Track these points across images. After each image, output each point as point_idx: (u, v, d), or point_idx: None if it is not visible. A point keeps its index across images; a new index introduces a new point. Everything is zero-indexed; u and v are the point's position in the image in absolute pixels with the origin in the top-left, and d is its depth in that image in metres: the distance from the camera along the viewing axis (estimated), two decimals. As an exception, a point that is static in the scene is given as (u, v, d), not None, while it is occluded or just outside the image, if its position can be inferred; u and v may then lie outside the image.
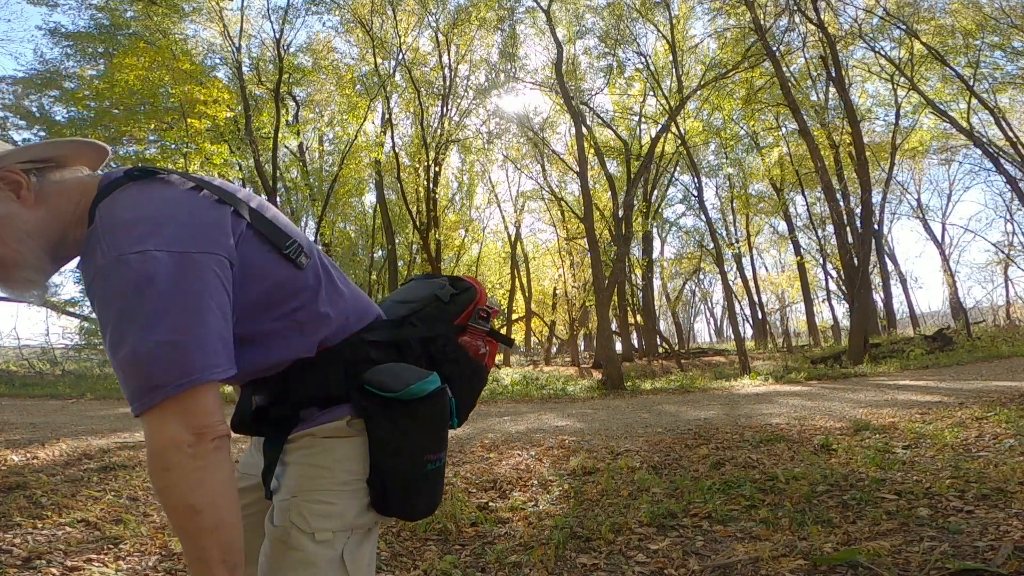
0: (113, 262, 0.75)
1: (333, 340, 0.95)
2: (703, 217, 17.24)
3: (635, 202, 17.79)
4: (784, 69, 15.05)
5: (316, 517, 0.90)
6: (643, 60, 18.64)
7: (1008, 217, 22.52)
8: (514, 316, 25.48)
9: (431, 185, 17.87)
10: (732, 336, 22.72)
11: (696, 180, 16.98)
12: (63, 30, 15.10)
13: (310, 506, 0.90)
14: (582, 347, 27.88)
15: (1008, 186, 17.34)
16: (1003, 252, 22.23)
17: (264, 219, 0.90)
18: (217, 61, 16.84)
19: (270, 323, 0.90)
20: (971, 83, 16.34)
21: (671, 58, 16.81)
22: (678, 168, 22.13)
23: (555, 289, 24.59)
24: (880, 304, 20.72)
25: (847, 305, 17.83)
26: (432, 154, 17.55)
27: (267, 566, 0.92)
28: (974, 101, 16.87)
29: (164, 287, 0.75)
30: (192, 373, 0.75)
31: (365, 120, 17.92)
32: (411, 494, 0.95)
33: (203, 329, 0.77)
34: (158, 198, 0.82)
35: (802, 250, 24.23)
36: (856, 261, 13.47)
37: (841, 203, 13.96)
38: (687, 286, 31.52)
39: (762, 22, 14.08)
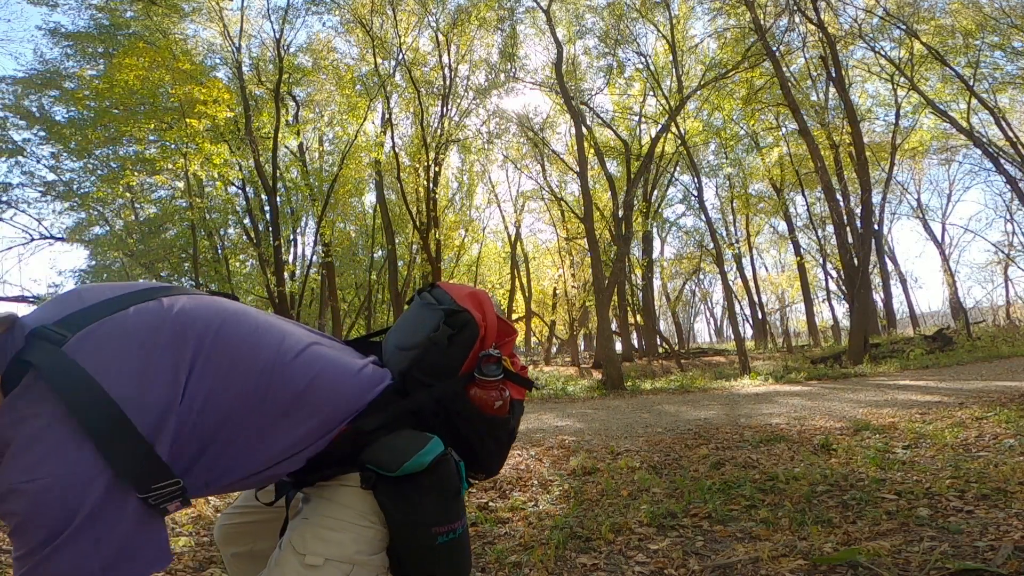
0: (5, 493, 0.70)
1: (324, 445, 0.91)
2: (703, 217, 17.25)
3: (635, 202, 17.79)
4: (784, 69, 15.05)
5: (313, 540, 0.87)
6: (643, 60, 18.66)
7: (1008, 217, 22.54)
8: (514, 316, 25.46)
9: (431, 185, 17.87)
10: (732, 336, 22.74)
11: (696, 180, 16.98)
12: (63, 30, 15.10)
13: (313, 529, 0.89)
14: (582, 347, 27.88)
15: (1008, 186, 17.34)
16: (1003, 252, 22.25)
17: (135, 447, 0.74)
18: (217, 61, 16.85)
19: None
20: (971, 83, 16.34)
21: (671, 58, 16.81)
22: (678, 168, 22.14)
23: (555, 289, 24.59)
24: (880, 304, 20.72)
25: (847, 305, 17.82)
26: (432, 154, 17.55)
27: None
28: (974, 101, 16.87)
29: (59, 513, 0.69)
30: None
31: (365, 120, 17.92)
32: (425, 568, 0.91)
33: (109, 545, 0.71)
34: (50, 410, 0.73)
35: (802, 250, 24.24)
36: (856, 261, 13.46)
37: (841, 203, 13.96)
38: (687, 286, 31.51)
39: (762, 22, 14.08)
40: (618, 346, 18.82)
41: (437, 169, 18.31)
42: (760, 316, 27.24)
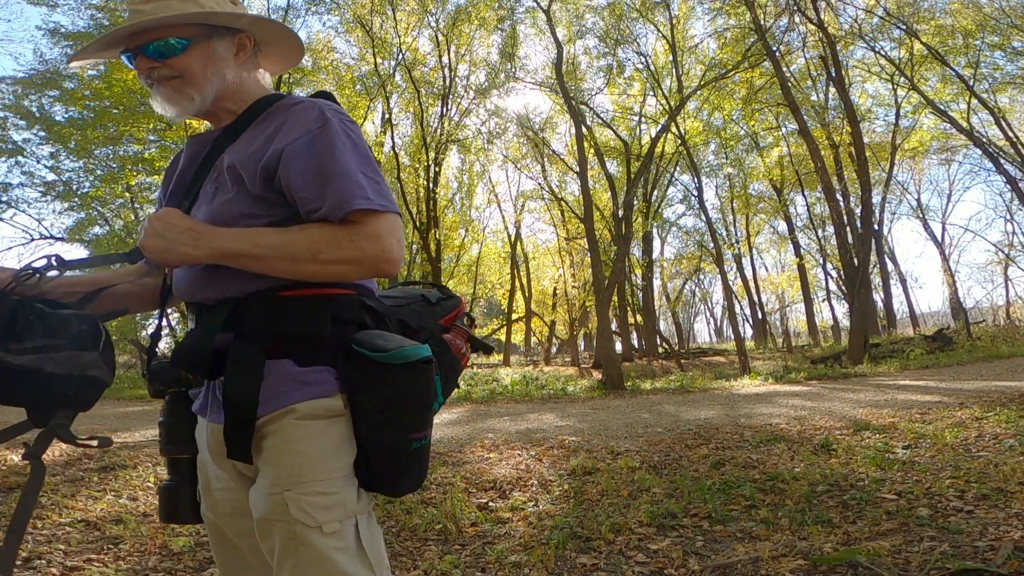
0: (325, 121, 0.95)
1: (335, 286, 0.95)
2: (703, 217, 17.25)
3: (635, 202, 17.78)
4: (784, 69, 15.04)
5: (319, 510, 0.86)
6: (643, 60, 18.66)
7: (1008, 217, 22.56)
8: (514, 316, 25.44)
9: (431, 185, 17.87)
10: (732, 336, 22.73)
11: (696, 180, 16.98)
12: (63, 30, 15.06)
13: (309, 499, 0.87)
14: (582, 347, 27.85)
15: (1008, 186, 17.35)
16: (1003, 252, 22.26)
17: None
18: (217, 61, 16.83)
19: None
20: (971, 83, 16.34)
21: (671, 58, 16.80)
22: (678, 168, 22.11)
23: (555, 289, 24.55)
24: (880, 304, 20.73)
25: (847, 305, 17.83)
26: (432, 154, 17.55)
27: (284, 566, 0.87)
28: (974, 101, 16.87)
29: (361, 146, 0.97)
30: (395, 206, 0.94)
31: (365, 120, 17.92)
32: (397, 472, 0.93)
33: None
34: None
35: (802, 250, 24.22)
36: (856, 261, 13.46)
37: (841, 203, 13.96)
38: (687, 286, 31.45)
39: (762, 22, 14.07)
40: (618, 346, 18.82)
41: (437, 169, 18.30)
42: (760, 316, 27.23)
